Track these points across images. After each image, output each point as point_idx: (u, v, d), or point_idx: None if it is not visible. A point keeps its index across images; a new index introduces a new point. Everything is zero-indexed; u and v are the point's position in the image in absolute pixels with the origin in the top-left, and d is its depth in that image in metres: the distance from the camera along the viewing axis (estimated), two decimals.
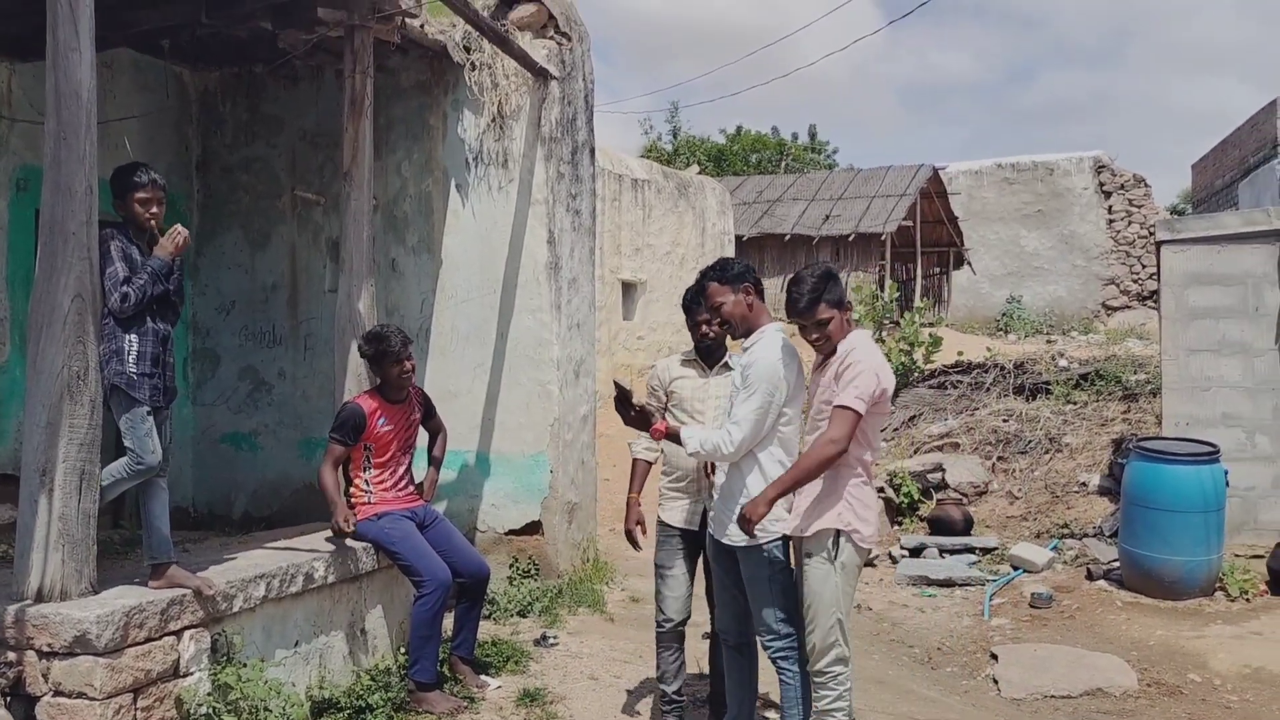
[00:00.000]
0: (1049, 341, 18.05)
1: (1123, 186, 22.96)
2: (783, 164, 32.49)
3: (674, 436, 3.98)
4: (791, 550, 3.93)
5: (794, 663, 3.90)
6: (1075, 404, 10.16)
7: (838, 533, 3.77)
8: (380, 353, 5.00)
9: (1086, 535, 7.96)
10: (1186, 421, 7.47)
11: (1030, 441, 9.49)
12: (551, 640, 5.94)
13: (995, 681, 5.46)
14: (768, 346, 3.89)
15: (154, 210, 4.13)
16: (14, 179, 6.48)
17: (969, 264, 21.50)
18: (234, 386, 7.70)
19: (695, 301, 4.36)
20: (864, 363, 3.72)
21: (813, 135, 37.55)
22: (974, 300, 22.79)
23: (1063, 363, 11.41)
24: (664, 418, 4.58)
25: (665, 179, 14.12)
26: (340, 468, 5.01)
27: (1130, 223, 22.80)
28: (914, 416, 11.29)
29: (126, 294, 3.88)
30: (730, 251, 15.78)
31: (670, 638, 4.61)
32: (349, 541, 4.99)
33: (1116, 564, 7.11)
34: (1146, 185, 23.03)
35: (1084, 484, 8.69)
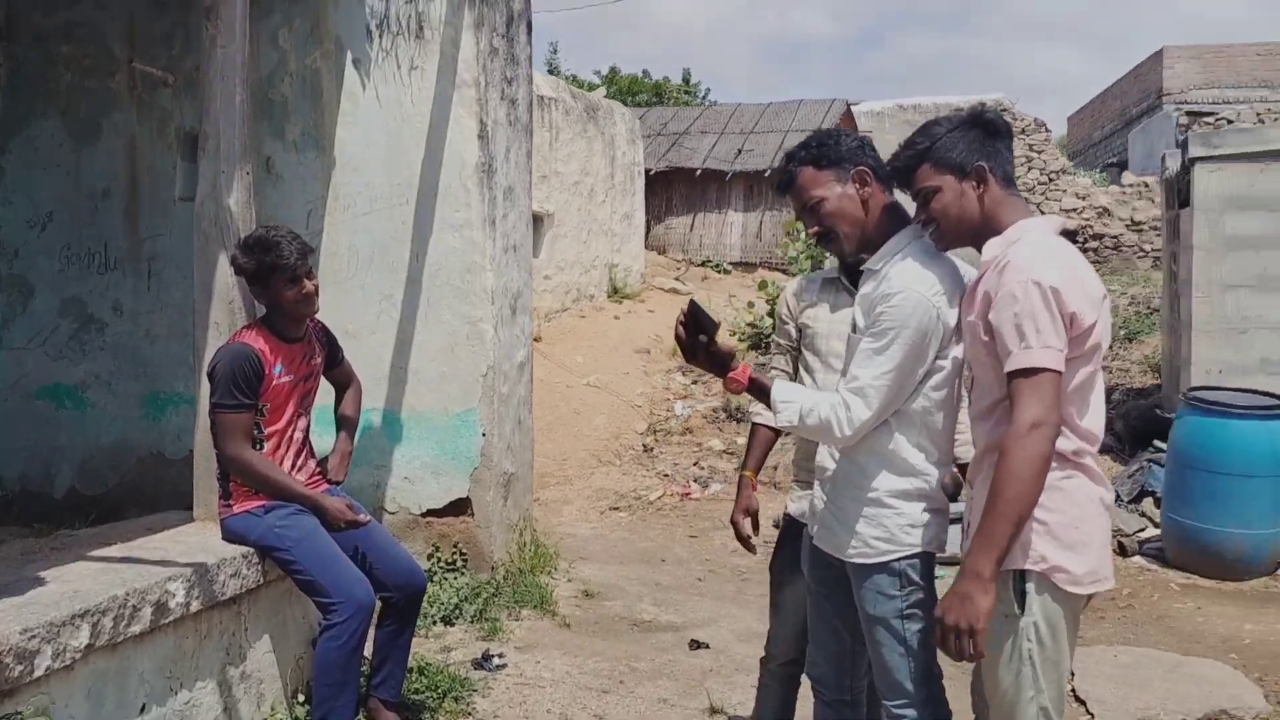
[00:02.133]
0: None
1: (1023, 131, 22.36)
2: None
3: (761, 393, 2.54)
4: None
5: None
6: None
7: (1022, 575, 2.27)
8: (268, 267, 3.39)
9: None
10: (1220, 368, 6.46)
11: None
12: (497, 661, 4.47)
13: (1082, 702, 4.26)
14: (911, 269, 2.44)
15: None
16: None
17: None
18: (53, 325, 5.87)
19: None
20: (1026, 275, 2.17)
21: (686, 79, 36.47)
22: None
23: None
24: (790, 363, 3.22)
25: (573, 99, 12.50)
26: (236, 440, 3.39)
27: (1030, 168, 22.24)
28: None
29: None
30: (641, 186, 14.30)
31: (775, 678, 3.26)
32: (221, 550, 3.39)
33: (1151, 537, 6.05)
34: (1047, 130, 22.54)
35: None
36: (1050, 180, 21.99)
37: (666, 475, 8.12)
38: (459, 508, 5.34)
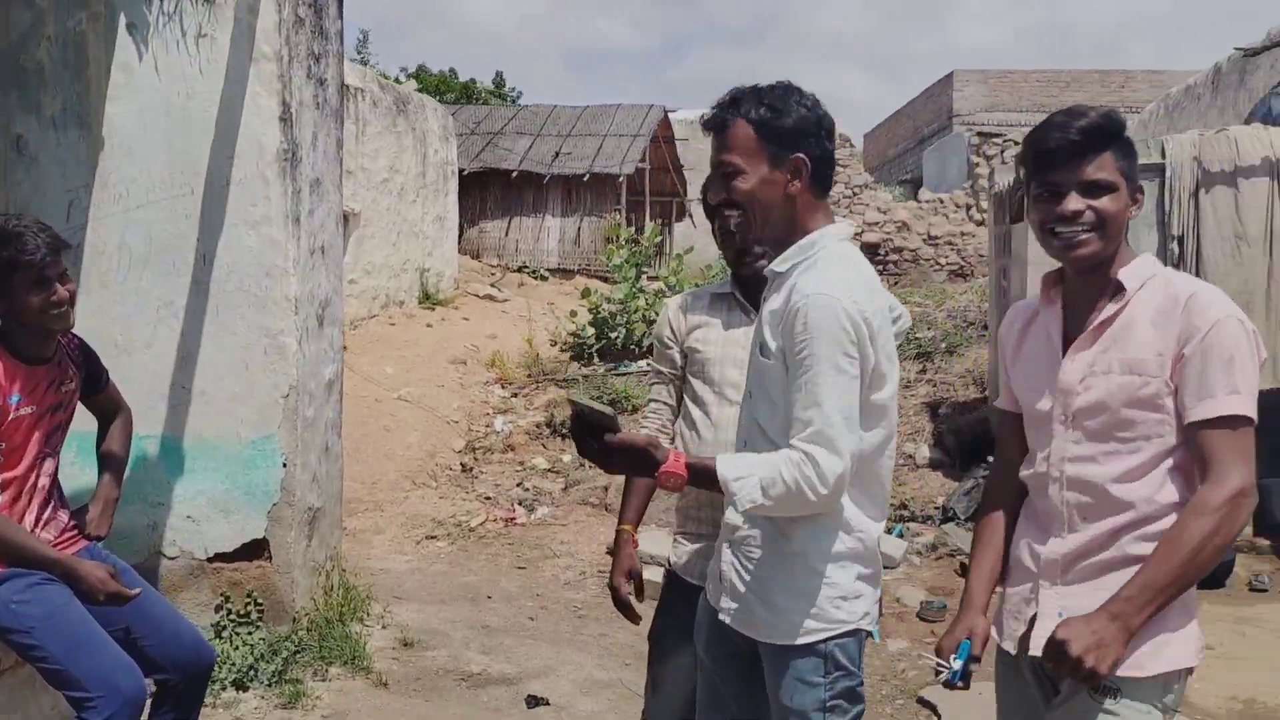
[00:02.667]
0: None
1: None
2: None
3: (706, 478, 2.01)
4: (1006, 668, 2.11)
5: None
6: None
7: (1182, 673, 1.96)
8: (6, 265, 2.65)
9: (930, 518, 6.80)
10: None
11: None
12: None
13: None
14: (827, 274, 2.02)
15: None
16: None
17: (690, 216, 20.53)
18: None
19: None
20: (1231, 313, 1.88)
21: (498, 82, 35.76)
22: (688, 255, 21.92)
23: None
24: (674, 394, 2.76)
25: (382, 90, 11.68)
26: None
27: (835, 181, 22.78)
28: None
29: None
30: (454, 186, 13.58)
31: None
32: None
33: None
34: (852, 145, 23.20)
35: (910, 456, 7.56)
36: (854, 194, 22.62)
37: (488, 498, 7.52)
38: (254, 550, 4.60)
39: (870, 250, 22.38)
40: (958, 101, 28.50)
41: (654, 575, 4.38)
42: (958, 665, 1.99)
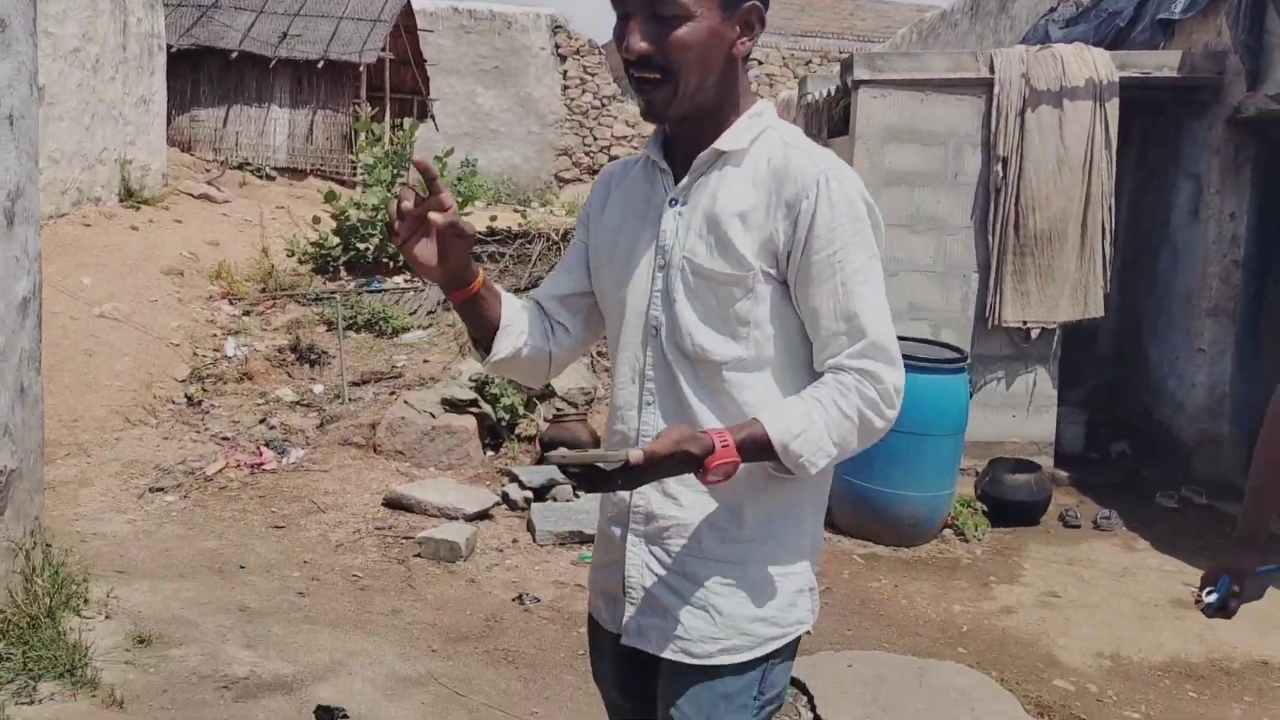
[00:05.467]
0: (517, 210, 16.56)
1: (578, 52, 22.07)
2: None
3: (756, 452, 1.55)
4: None
5: None
6: None
7: None
8: None
9: None
10: None
11: None
12: None
13: None
14: (816, 146, 1.71)
15: None
16: None
17: (433, 118, 19.01)
18: None
19: None
20: None
21: None
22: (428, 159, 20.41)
23: None
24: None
25: None
26: None
27: (584, 91, 22.06)
28: None
29: None
30: (162, 64, 11.55)
31: None
32: None
33: None
34: (601, 53, 22.38)
35: None
36: (603, 105, 21.93)
37: (226, 439, 6.29)
38: None
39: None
40: None
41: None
42: (1213, 599, 2.17)
